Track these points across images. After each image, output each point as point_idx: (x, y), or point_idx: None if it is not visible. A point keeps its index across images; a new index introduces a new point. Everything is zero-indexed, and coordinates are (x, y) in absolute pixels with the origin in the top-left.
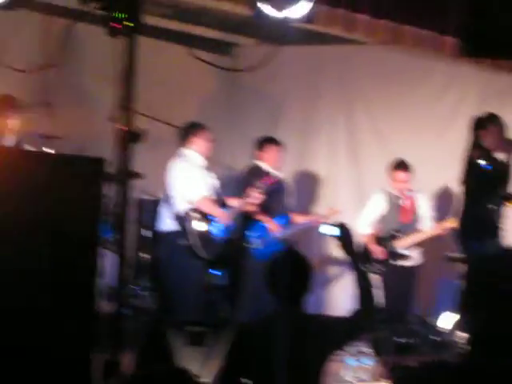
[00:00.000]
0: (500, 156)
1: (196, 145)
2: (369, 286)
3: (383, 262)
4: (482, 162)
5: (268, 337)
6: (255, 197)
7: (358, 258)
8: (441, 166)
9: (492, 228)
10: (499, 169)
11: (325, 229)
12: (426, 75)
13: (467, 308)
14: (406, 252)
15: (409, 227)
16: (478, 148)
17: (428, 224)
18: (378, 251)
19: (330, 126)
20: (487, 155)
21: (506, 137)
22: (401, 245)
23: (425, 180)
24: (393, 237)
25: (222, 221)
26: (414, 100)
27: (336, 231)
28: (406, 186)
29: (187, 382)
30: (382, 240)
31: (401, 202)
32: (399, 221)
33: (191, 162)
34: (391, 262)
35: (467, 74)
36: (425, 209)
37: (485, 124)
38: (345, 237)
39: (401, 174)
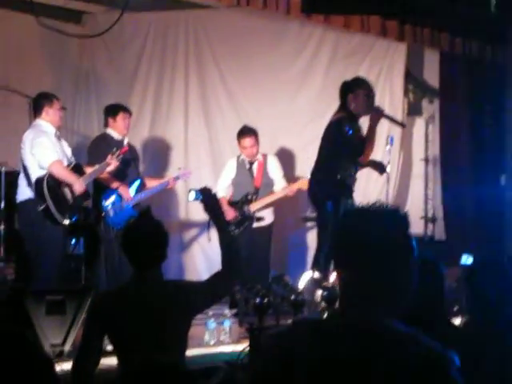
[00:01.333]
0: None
1: (47, 114)
2: (233, 247)
3: (237, 224)
4: (344, 126)
5: (126, 304)
6: (112, 164)
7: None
8: (293, 128)
9: (347, 190)
10: (359, 134)
11: (191, 195)
12: (279, 38)
13: (327, 265)
14: (258, 214)
15: (262, 189)
16: (342, 111)
17: (279, 185)
18: (230, 214)
19: (184, 91)
20: (350, 119)
21: (372, 102)
22: (254, 207)
23: (277, 143)
24: (246, 200)
25: (75, 187)
26: (267, 64)
27: (200, 195)
28: (252, 150)
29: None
30: (236, 203)
31: (251, 166)
32: (252, 184)
33: (43, 131)
34: (245, 224)
35: (318, 36)
36: (275, 171)
37: (352, 88)
38: (209, 200)
39: (246, 140)
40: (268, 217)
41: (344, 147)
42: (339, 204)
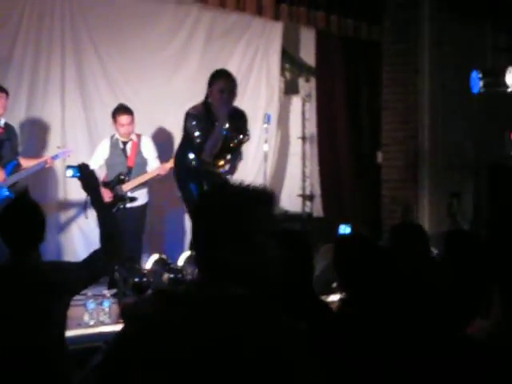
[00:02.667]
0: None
1: None
2: (112, 225)
3: (111, 205)
4: (189, 121)
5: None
6: None
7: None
8: (170, 108)
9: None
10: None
11: (69, 172)
12: (155, 18)
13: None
14: (131, 194)
15: (135, 170)
16: (202, 102)
17: (153, 165)
18: (105, 195)
19: (60, 72)
20: (202, 112)
21: (229, 99)
22: (126, 187)
23: (155, 123)
24: (119, 180)
25: None
26: (143, 44)
27: (78, 172)
28: (128, 129)
29: None
30: (109, 184)
31: (125, 146)
32: (125, 164)
33: None
34: (119, 205)
35: (194, 16)
36: (149, 151)
37: (211, 80)
38: (87, 176)
39: (122, 118)
40: (142, 197)
41: (186, 140)
42: (198, 186)
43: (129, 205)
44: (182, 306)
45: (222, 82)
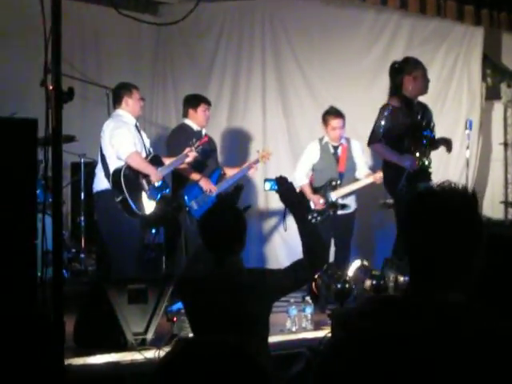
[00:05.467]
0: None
1: (127, 105)
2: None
3: (320, 212)
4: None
5: (205, 289)
6: (191, 156)
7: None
8: (370, 115)
9: (421, 173)
10: (416, 119)
11: (267, 185)
12: (355, 26)
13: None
14: (342, 201)
15: (345, 175)
16: (395, 96)
17: (362, 172)
18: (315, 201)
19: (261, 81)
20: (405, 104)
21: (426, 84)
22: (337, 194)
23: (355, 131)
24: (331, 186)
25: (153, 178)
26: (343, 52)
27: (275, 185)
28: (340, 132)
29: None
30: (319, 189)
31: (336, 150)
32: (336, 169)
33: (124, 122)
34: (330, 211)
35: (394, 23)
36: (359, 156)
37: (406, 69)
38: (285, 189)
39: (334, 121)
40: (352, 204)
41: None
42: (413, 188)
43: (339, 212)
44: (415, 319)
45: (424, 69)
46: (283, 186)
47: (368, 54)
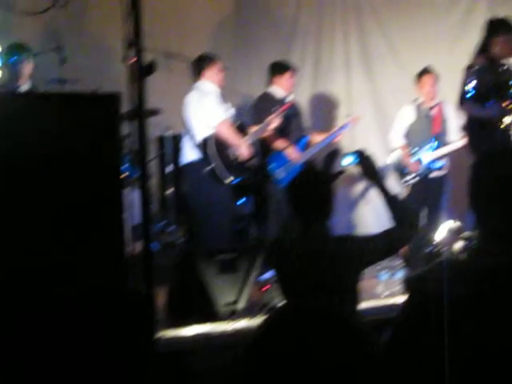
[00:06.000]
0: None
1: (209, 76)
2: (400, 206)
3: (414, 175)
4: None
5: (295, 256)
6: (274, 122)
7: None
8: (453, 78)
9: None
10: (502, 79)
11: (347, 160)
12: None
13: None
14: (435, 163)
15: (439, 137)
16: (482, 55)
17: (455, 134)
18: (411, 164)
19: (344, 41)
20: (491, 64)
21: None
22: (431, 156)
23: (439, 93)
24: (424, 148)
25: (241, 151)
26: (427, 12)
27: (357, 158)
28: (433, 90)
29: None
30: (414, 152)
31: (430, 112)
32: (430, 131)
33: (208, 92)
34: (423, 174)
35: None
36: (452, 119)
37: (497, 29)
38: (366, 163)
39: (425, 77)
40: (443, 167)
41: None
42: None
43: (432, 174)
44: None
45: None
46: (364, 158)
47: (449, 11)
